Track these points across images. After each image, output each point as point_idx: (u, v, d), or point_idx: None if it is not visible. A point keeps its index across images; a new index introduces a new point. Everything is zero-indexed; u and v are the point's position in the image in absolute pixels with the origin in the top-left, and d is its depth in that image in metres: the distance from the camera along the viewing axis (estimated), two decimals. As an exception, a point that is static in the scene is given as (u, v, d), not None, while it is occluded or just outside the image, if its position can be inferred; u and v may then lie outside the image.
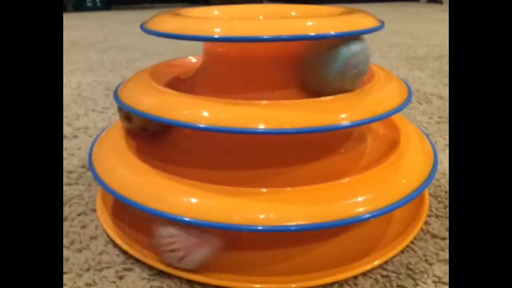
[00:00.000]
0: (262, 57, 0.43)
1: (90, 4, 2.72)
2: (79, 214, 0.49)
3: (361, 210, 0.35)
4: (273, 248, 0.41)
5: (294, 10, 0.50)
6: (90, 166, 0.44)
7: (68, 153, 0.65)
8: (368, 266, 0.39)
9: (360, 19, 0.40)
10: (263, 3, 0.60)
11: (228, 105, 0.36)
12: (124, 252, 0.42)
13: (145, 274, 0.39)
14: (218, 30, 0.36)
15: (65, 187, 0.55)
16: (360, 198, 0.36)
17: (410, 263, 0.40)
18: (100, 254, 0.42)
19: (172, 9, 0.47)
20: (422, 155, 0.43)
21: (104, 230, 0.45)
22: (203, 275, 0.38)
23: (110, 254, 0.42)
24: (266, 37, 0.35)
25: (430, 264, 0.40)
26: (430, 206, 0.49)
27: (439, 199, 0.51)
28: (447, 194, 0.52)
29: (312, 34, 0.36)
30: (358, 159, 0.45)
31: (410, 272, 0.39)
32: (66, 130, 0.74)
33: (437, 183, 0.54)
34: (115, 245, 0.43)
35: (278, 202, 0.35)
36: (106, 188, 0.40)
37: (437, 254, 0.42)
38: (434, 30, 1.78)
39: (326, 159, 0.44)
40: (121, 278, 0.39)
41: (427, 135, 0.49)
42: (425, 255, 0.41)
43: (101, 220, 0.46)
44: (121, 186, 0.39)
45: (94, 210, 0.49)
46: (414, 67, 1.15)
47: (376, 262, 0.39)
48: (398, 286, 0.38)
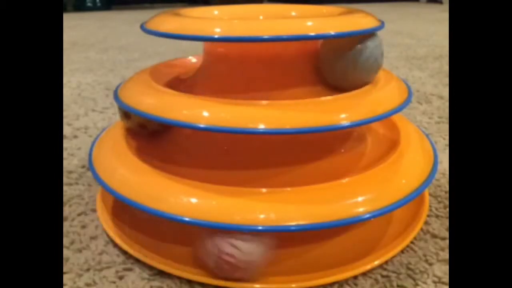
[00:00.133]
0: (262, 57, 0.43)
1: (90, 4, 2.72)
2: (79, 214, 0.49)
3: (361, 210, 0.35)
4: (273, 248, 0.41)
5: (294, 10, 0.50)
6: (90, 166, 0.44)
7: (68, 153, 0.65)
8: (368, 266, 0.39)
9: (360, 19, 0.40)
10: (263, 3, 0.60)
11: (228, 105, 0.36)
12: (124, 252, 0.42)
13: (145, 274, 0.39)
14: (218, 30, 0.36)
15: (65, 187, 0.55)
16: (360, 198, 0.36)
17: (410, 263, 0.40)
18: (100, 254, 0.42)
19: (172, 9, 0.47)
20: (422, 155, 0.43)
21: (104, 230, 0.45)
22: (204, 275, 0.38)
23: (110, 254, 0.42)
24: (266, 37, 0.35)
25: (430, 264, 0.40)
26: (430, 206, 0.49)
27: (439, 199, 0.51)
28: (447, 194, 0.52)
29: (312, 34, 0.36)
30: (358, 159, 0.45)
31: (410, 272, 0.39)
32: (66, 130, 0.74)
33: (437, 183, 0.55)
34: (115, 245, 0.43)
35: (278, 202, 0.35)
36: (106, 188, 0.40)
37: (437, 254, 0.42)
38: (434, 30, 1.78)
39: (326, 159, 0.44)
40: (121, 278, 0.39)
41: (427, 135, 0.49)
42: (425, 255, 0.41)
43: (101, 220, 0.46)
44: (121, 186, 0.39)
45: (94, 210, 0.49)
46: (414, 67, 1.15)
47: (376, 262, 0.39)
48: (398, 286, 0.38)
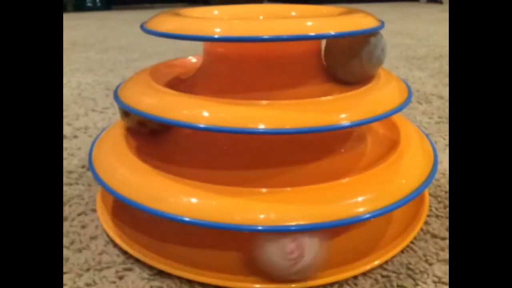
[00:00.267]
0: (262, 57, 0.43)
1: (90, 4, 2.72)
2: (79, 214, 0.49)
3: (361, 210, 0.35)
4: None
5: (294, 10, 0.50)
6: (90, 166, 0.44)
7: (68, 153, 0.65)
8: (368, 266, 0.39)
9: (360, 19, 0.40)
10: (263, 3, 0.60)
11: (228, 105, 0.36)
12: (124, 252, 0.42)
13: (145, 274, 0.39)
14: (218, 30, 0.36)
15: (65, 187, 0.55)
16: (360, 198, 0.36)
17: (410, 263, 0.40)
18: (100, 254, 0.42)
19: (172, 9, 0.47)
20: (422, 155, 0.43)
21: (104, 230, 0.45)
22: (204, 275, 0.38)
23: (110, 254, 0.42)
24: (266, 37, 0.35)
25: (430, 264, 0.40)
26: (430, 206, 0.49)
27: (439, 199, 0.51)
28: (447, 194, 0.52)
29: (312, 34, 0.36)
30: (358, 159, 0.45)
31: (410, 272, 0.39)
32: (66, 130, 0.74)
33: (437, 183, 0.54)
34: (115, 245, 0.43)
35: (278, 202, 0.35)
36: (106, 188, 0.40)
37: (437, 254, 0.42)
38: (434, 30, 1.78)
39: (326, 159, 0.44)
40: (121, 278, 0.39)
41: (427, 135, 0.49)
42: (425, 255, 0.41)
43: (101, 220, 0.46)
44: (121, 186, 0.39)
45: (94, 210, 0.49)
46: (414, 67, 1.15)
47: (376, 262, 0.39)
48: (398, 286, 0.38)
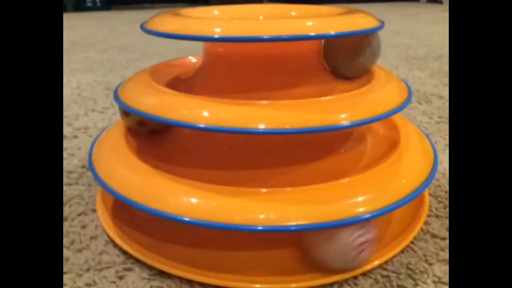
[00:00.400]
0: (262, 57, 0.43)
1: (90, 4, 2.72)
2: (79, 214, 0.49)
3: (361, 210, 0.35)
4: (273, 248, 0.41)
5: (294, 10, 0.50)
6: (90, 166, 0.44)
7: (68, 153, 0.65)
8: (368, 266, 0.39)
9: (360, 19, 0.40)
10: (263, 3, 0.60)
11: (228, 105, 0.36)
12: (124, 252, 0.42)
13: (145, 274, 0.39)
14: (218, 30, 0.36)
15: (65, 187, 0.55)
16: (360, 198, 0.36)
17: (410, 263, 0.40)
18: (100, 254, 0.42)
19: (172, 9, 0.47)
20: (422, 155, 0.43)
21: (104, 230, 0.45)
22: (204, 275, 0.38)
23: (110, 254, 0.42)
24: (266, 37, 0.35)
25: (430, 264, 0.40)
26: (430, 206, 0.49)
27: (439, 199, 0.51)
28: (447, 194, 0.52)
29: (312, 34, 0.36)
30: (358, 159, 0.45)
31: (410, 272, 0.39)
32: (66, 130, 0.74)
33: (437, 183, 0.54)
34: (115, 245, 0.43)
35: (278, 202, 0.35)
36: (106, 188, 0.40)
37: (437, 254, 0.42)
38: (434, 30, 1.78)
39: (326, 159, 0.44)
40: (121, 278, 0.39)
41: (427, 135, 0.49)
42: (425, 255, 0.41)
43: (101, 220, 0.46)
44: (121, 186, 0.39)
45: (94, 210, 0.49)
46: (414, 67, 1.15)
47: (376, 262, 0.39)
48: (398, 286, 0.38)
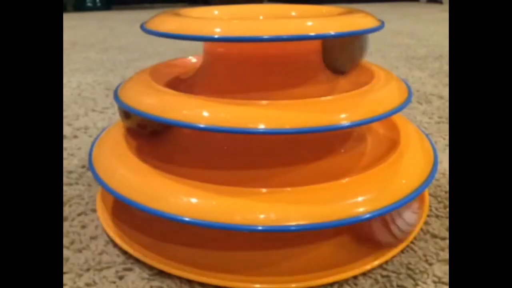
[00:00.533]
0: (262, 57, 0.43)
1: (90, 4, 2.72)
2: (79, 214, 0.49)
3: (361, 210, 0.35)
4: (273, 248, 0.41)
5: (294, 10, 0.50)
6: (90, 166, 0.44)
7: (68, 153, 0.65)
8: (368, 266, 0.39)
9: (360, 19, 0.40)
10: (263, 3, 0.60)
11: (228, 105, 0.36)
12: (124, 252, 0.42)
13: (145, 274, 0.39)
14: (218, 30, 0.36)
15: (65, 187, 0.55)
16: (360, 198, 0.36)
17: (410, 263, 0.40)
18: (100, 254, 0.42)
19: (172, 9, 0.47)
20: (422, 155, 0.43)
21: (104, 230, 0.45)
22: (204, 275, 0.38)
23: (110, 254, 0.42)
24: (266, 37, 0.35)
25: (430, 264, 0.40)
26: (430, 206, 0.49)
27: (439, 199, 0.51)
28: (447, 194, 0.52)
29: (312, 34, 0.36)
30: (358, 159, 0.45)
31: (410, 272, 0.39)
32: (66, 130, 0.74)
33: (437, 183, 0.54)
34: (115, 245, 0.43)
35: (278, 202, 0.35)
36: (106, 188, 0.40)
37: (437, 254, 0.42)
38: (434, 30, 1.78)
39: (326, 159, 0.44)
40: (121, 278, 0.39)
41: (427, 135, 0.49)
42: (425, 255, 0.41)
43: (101, 220, 0.46)
44: (121, 186, 0.39)
45: (94, 210, 0.49)
46: (414, 67, 1.15)
47: (376, 262, 0.39)
48: (398, 286, 0.38)
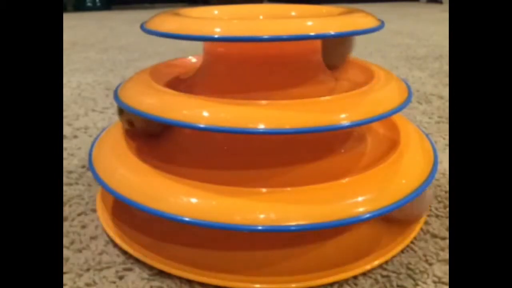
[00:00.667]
0: (262, 57, 0.43)
1: (90, 4, 2.72)
2: (79, 214, 0.49)
3: (361, 210, 0.35)
4: (273, 248, 0.41)
5: (294, 10, 0.50)
6: (90, 166, 0.44)
7: (68, 153, 0.65)
8: (368, 266, 0.39)
9: (360, 19, 0.40)
10: (263, 3, 0.60)
11: (228, 105, 0.36)
12: (124, 252, 0.42)
13: (145, 274, 0.39)
14: (218, 30, 0.36)
15: (65, 187, 0.55)
16: (360, 198, 0.36)
17: (410, 263, 0.40)
18: (100, 254, 0.42)
19: (172, 9, 0.47)
20: (422, 155, 0.43)
21: (104, 230, 0.45)
22: (204, 275, 0.38)
23: (110, 254, 0.42)
24: (266, 37, 0.35)
25: (430, 264, 0.40)
26: (430, 206, 0.49)
27: (439, 199, 0.51)
28: (447, 194, 0.52)
29: (312, 34, 0.36)
30: (358, 159, 0.45)
31: (410, 272, 0.39)
32: (66, 130, 0.74)
33: (437, 183, 0.54)
34: (115, 245, 0.43)
35: (278, 202, 0.35)
36: (106, 188, 0.40)
37: (437, 254, 0.42)
38: (434, 30, 1.78)
39: (326, 159, 0.44)
40: (121, 278, 0.39)
41: (427, 135, 0.49)
42: (425, 255, 0.41)
43: (101, 220, 0.46)
44: (121, 186, 0.39)
45: (94, 210, 0.49)
46: (414, 67, 1.15)
47: (376, 262, 0.39)
48: (398, 286, 0.38)
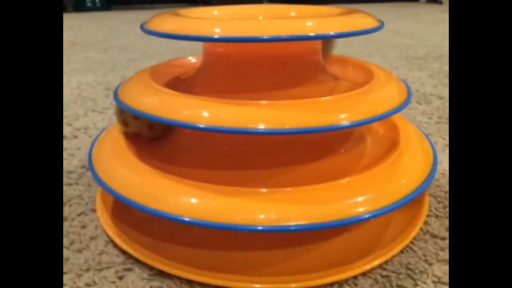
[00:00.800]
0: (262, 57, 0.43)
1: (90, 4, 2.72)
2: (79, 214, 0.49)
3: (361, 210, 0.35)
4: (273, 248, 0.41)
5: (294, 10, 0.50)
6: (90, 166, 0.44)
7: (68, 153, 0.65)
8: (368, 266, 0.39)
9: (359, 20, 0.40)
10: (263, 3, 0.60)
11: (228, 105, 0.36)
12: (124, 252, 0.42)
13: (145, 274, 0.39)
14: (218, 30, 0.36)
15: (65, 187, 0.55)
16: (360, 198, 0.36)
17: (410, 263, 0.40)
18: (100, 254, 0.42)
19: (172, 9, 0.47)
20: (422, 155, 0.43)
21: (104, 230, 0.45)
22: (204, 275, 0.38)
23: (110, 254, 0.42)
24: (266, 37, 0.35)
25: (430, 264, 0.40)
26: (430, 206, 0.49)
27: (439, 199, 0.51)
28: (447, 194, 0.52)
29: (312, 34, 0.36)
30: (358, 159, 0.45)
31: (410, 272, 0.39)
32: (66, 130, 0.74)
33: (437, 183, 0.55)
34: (115, 245, 0.43)
35: (278, 202, 0.35)
36: (106, 188, 0.40)
37: (437, 254, 0.42)
38: (434, 30, 1.78)
39: (326, 159, 0.44)
40: (121, 278, 0.39)
41: (427, 135, 0.49)
42: (425, 255, 0.41)
43: (101, 220, 0.46)
44: (121, 186, 0.39)
45: (94, 210, 0.49)
46: (414, 67, 1.15)
47: (376, 262, 0.39)
48: (398, 286, 0.38)
